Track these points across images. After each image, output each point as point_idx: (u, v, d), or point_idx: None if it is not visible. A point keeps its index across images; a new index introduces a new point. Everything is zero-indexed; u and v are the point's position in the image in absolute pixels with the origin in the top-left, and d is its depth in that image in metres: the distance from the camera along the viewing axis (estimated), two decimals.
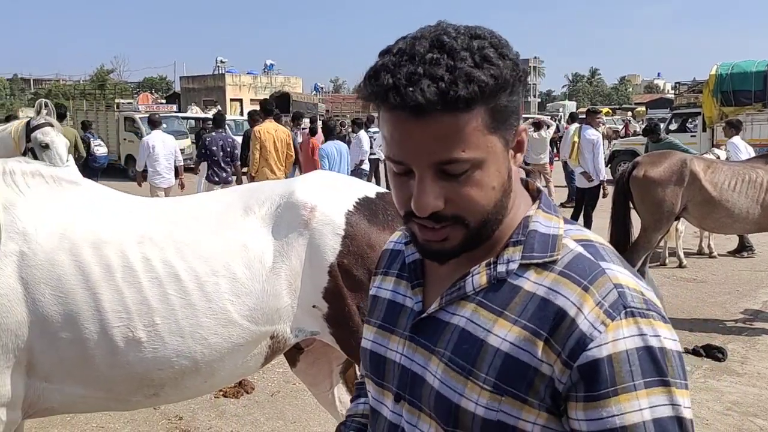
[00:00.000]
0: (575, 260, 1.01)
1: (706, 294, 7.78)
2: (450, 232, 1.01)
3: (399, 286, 1.20)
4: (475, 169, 0.98)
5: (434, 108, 0.92)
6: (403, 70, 0.93)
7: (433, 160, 0.96)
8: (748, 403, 4.80)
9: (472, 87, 0.92)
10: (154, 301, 2.30)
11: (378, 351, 1.18)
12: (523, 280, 1.02)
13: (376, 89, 0.96)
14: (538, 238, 1.05)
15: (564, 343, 0.95)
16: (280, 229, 2.49)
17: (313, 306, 2.51)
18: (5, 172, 2.32)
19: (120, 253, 2.32)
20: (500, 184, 1.01)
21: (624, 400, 0.92)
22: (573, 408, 0.95)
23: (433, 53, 0.94)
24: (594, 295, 0.96)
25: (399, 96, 0.93)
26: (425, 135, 0.95)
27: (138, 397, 2.41)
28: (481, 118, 0.95)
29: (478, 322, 1.02)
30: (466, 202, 0.99)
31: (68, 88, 57.54)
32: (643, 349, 0.93)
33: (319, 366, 2.96)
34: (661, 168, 6.58)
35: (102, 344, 2.26)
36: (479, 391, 0.99)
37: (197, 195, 2.80)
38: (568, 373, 0.94)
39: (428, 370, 1.06)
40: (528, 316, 0.99)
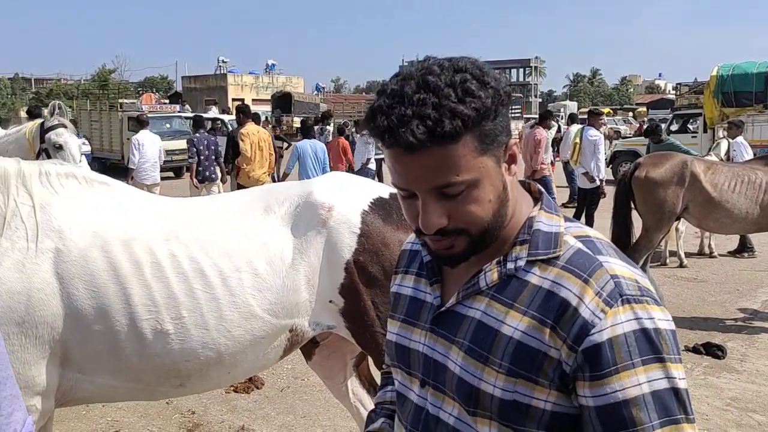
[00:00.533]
0: (575, 255, 1.14)
1: (706, 293, 7.87)
2: (455, 241, 1.14)
3: (419, 284, 1.33)
4: (471, 188, 1.10)
5: (425, 144, 1.04)
6: (395, 112, 1.06)
7: (432, 186, 1.09)
8: (747, 399, 4.90)
9: (456, 122, 1.04)
10: (180, 295, 2.42)
11: (402, 343, 1.31)
12: (530, 275, 1.15)
13: (374, 130, 1.09)
14: (542, 236, 1.17)
15: (569, 330, 1.07)
16: (299, 227, 2.61)
17: (330, 301, 2.62)
18: (41, 174, 2.44)
19: (148, 250, 2.43)
20: (496, 196, 1.13)
21: (625, 377, 1.04)
22: (580, 386, 1.07)
23: (420, 94, 1.05)
24: (593, 286, 1.08)
25: (393, 137, 1.06)
26: (421, 167, 1.07)
27: (165, 387, 2.52)
28: (469, 144, 1.07)
29: (492, 314, 1.15)
30: (467, 217, 1.12)
31: (70, 87, 57.62)
32: (639, 331, 1.06)
33: (334, 359, 3.07)
34: (662, 169, 6.69)
35: (132, 336, 2.37)
36: (496, 375, 1.12)
37: (220, 195, 2.92)
38: (573, 356, 1.06)
39: (449, 358, 1.19)
40: (536, 307, 1.11)
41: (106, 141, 23.14)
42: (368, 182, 3.00)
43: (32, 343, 2.28)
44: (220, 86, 48.44)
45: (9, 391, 1.13)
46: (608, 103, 71.90)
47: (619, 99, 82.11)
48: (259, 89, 49.46)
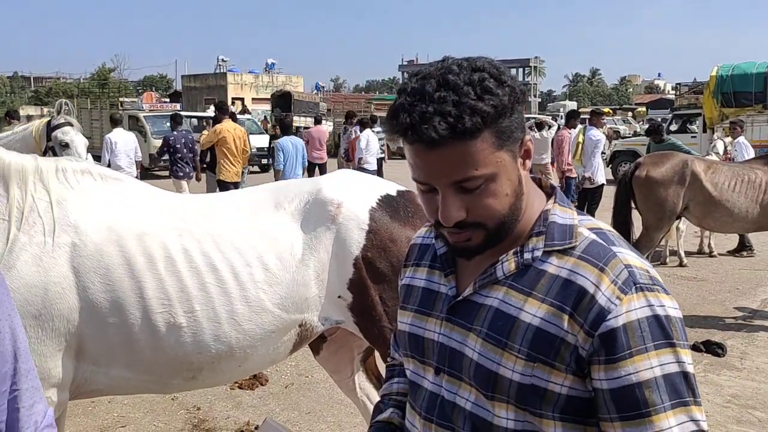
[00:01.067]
0: (591, 246, 1.19)
1: (706, 292, 7.93)
2: (472, 234, 1.19)
3: (433, 275, 1.36)
4: (489, 182, 1.15)
5: (446, 140, 1.09)
6: (417, 110, 1.10)
7: (451, 180, 1.14)
8: (746, 396, 4.95)
9: (476, 118, 1.09)
10: (193, 289, 2.46)
11: (416, 332, 1.34)
12: (547, 265, 1.20)
13: (397, 127, 1.14)
14: (557, 228, 1.22)
15: (586, 316, 1.12)
16: (308, 223, 2.66)
17: (339, 296, 2.67)
18: (58, 170, 2.48)
19: (162, 245, 2.48)
20: (513, 190, 1.18)
21: (638, 360, 1.09)
22: (596, 370, 1.12)
23: (441, 92, 1.10)
24: (609, 275, 1.14)
25: (416, 133, 1.11)
26: (442, 161, 1.12)
27: (178, 380, 2.57)
28: (487, 140, 1.12)
29: (510, 302, 1.20)
30: (485, 210, 1.16)
31: (69, 86, 57.60)
32: (652, 317, 1.11)
33: (342, 354, 3.11)
34: (663, 168, 6.74)
35: (146, 329, 2.42)
36: (515, 360, 1.16)
37: (232, 192, 2.97)
38: (590, 341, 1.12)
39: (467, 345, 1.23)
40: (554, 294, 1.16)
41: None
42: (376, 180, 3.04)
43: (48, 336, 2.32)
44: (220, 85, 48.36)
45: (30, 383, 1.15)
46: (607, 103, 71.95)
47: (618, 99, 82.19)
48: (259, 88, 49.39)
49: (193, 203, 2.75)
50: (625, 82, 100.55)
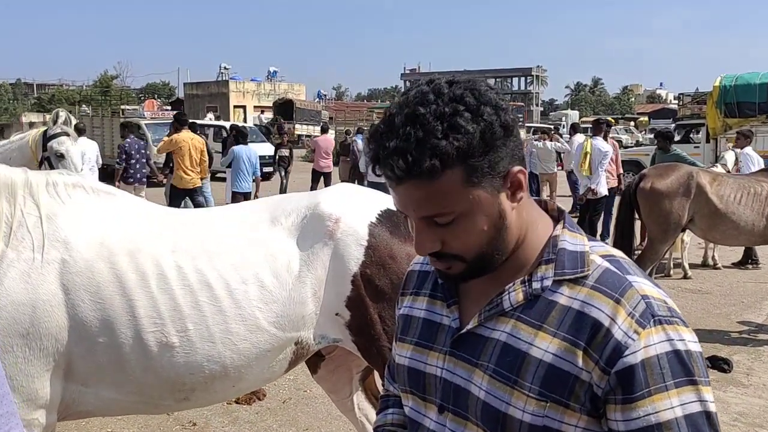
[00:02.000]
0: (604, 275, 1.11)
1: (710, 305, 7.84)
2: (451, 264, 1.15)
3: (434, 306, 1.28)
4: (461, 218, 1.10)
5: (403, 179, 1.07)
6: (383, 143, 1.08)
7: (420, 215, 1.11)
8: (754, 414, 4.86)
9: (434, 161, 1.04)
10: (186, 308, 2.39)
11: (417, 367, 1.26)
12: (558, 295, 1.12)
13: (369, 155, 1.12)
14: (568, 255, 1.15)
15: (601, 352, 1.05)
16: (305, 239, 2.58)
17: (336, 314, 2.59)
18: (48, 183, 2.41)
19: (154, 262, 2.41)
20: (491, 225, 1.12)
21: (657, 399, 1.03)
22: (611, 410, 1.05)
23: (407, 127, 1.06)
24: (625, 307, 1.06)
25: (380, 167, 1.10)
26: (408, 197, 1.10)
27: (169, 401, 2.49)
28: (454, 179, 1.07)
29: (519, 336, 1.12)
30: (460, 244, 1.12)
31: (72, 93, 57.74)
32: (672, 353, 1.04)
33: (340, 373, 3.03)
34: (668, 180, 6.67)
35: (137, 349, 2.34)
36: (525, 399, 1.08)
37: (227, 206, 2.89)
38: (606, 379, 1.04)
39: (472, 383, 1.15)
40: (566, 328, 1.09)
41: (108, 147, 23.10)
42: (376, 194, 2.97)
43: (36, 355, 2.24)
44: (222, 93, 48.45)
45: (5, 408, 1.10)
46: (609, 112, 71.95)
47: (620, 108, 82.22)
48: (261, 96, 49.49)
49: (187, 218, 2.68)
50: (627, 91, 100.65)
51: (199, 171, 10.46)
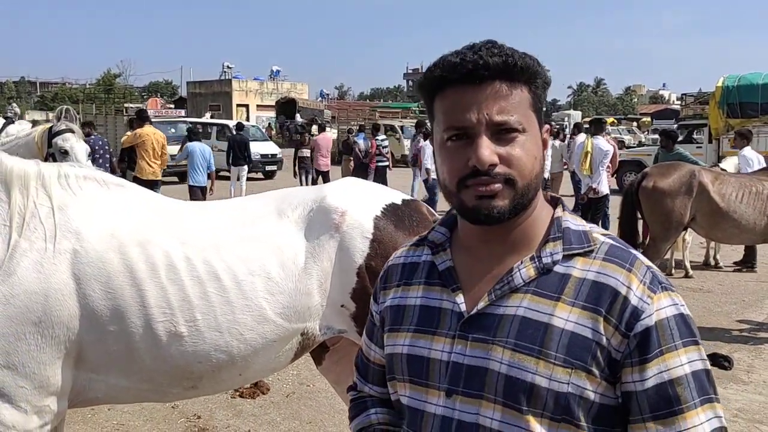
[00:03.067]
0: (612, 249, 1.20)
1: (712, 304, 7.87)
2: (500, 190, 1.16)
3: (431, 292, 1.29)
4: (522, 135, 1.17)
5: (497, 70, 1.14)
6: (467, 52, 1.16)
7: (491, 119, 1.15)
8: (753, 411, 4.89)
9: (526, 61, 1.16)
10: (195, 298, 2.43)
11: (419, 353, 1.25)
12: (570, 268, 1.18)
13: (444, 66, 1.17)
14: (573, 234, 1.22)
15: (621, 317, 1.12)
16: (312, 231, 2.62)
17: (342, 305, 2.63)
18: (60, 175, 2.46)
19: (164, 253, 2.45)
20: (539, 158, 1.20)
21: (669, 358, 1.11)
22: (628, 372, 1.12)
23: (489, 44, 1.17)
24: (637, 275, 1.15)
25: (470, 63, 1.14)
26: (486, 98, 1.15)
27: (177, 389, 2.53)
28: (526, 95, 1.17)
29: (537, 308, 1.16)
30: (516, 161, 1.16)
31: (75, 91, 57.80)
32: (678, 315, 1.14)
33: (344, 364, 3.06)
34: (670, 179, 6.70)
35: (146, 338, 2.39)
36: (552, 368, 1.13)
37: (235, 199, 2.93)
38: (625, 342, 1.12)
39: (491, 359, 1.17)
40: (584, 297, 1.15)
41: (111, 145, 23.17)
42: (381, 188, 3.01)
43: (48, 343, 2.28)
44: (225, 92, 48.52)
45: None
46: (612, 112, 71.84)
47: (623, 108, 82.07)
48: (264, 95, 49.56)
49: (195, 211, 2.72)
50: (630, 91, 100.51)
51: (160, 164, 11.10)
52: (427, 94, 1.23)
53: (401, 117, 37.47)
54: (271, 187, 11.89)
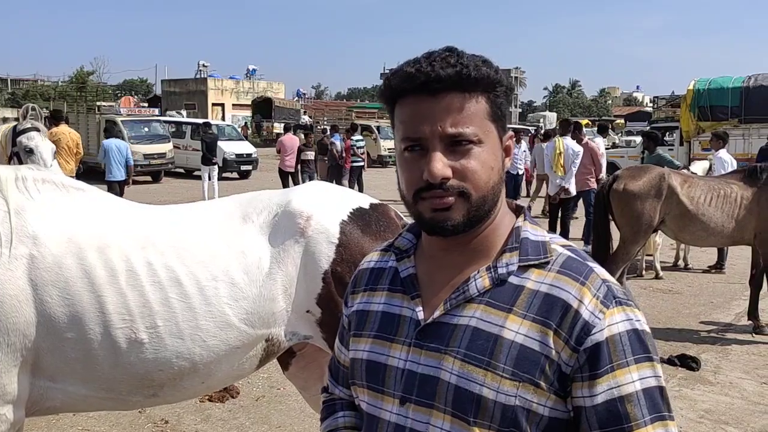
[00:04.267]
0: (568, 261, 1.18)
1: (681, 305, 7.96)
2: (454, 203, 1.16)
3: (393, 299, 1.29)
4: (478, 146, 1.15)
5: (451, 82, 1.13)
6: (423, 62, 1.16)
7: (445, 132, 1.14)
8: (720, 412, 4.95)
9: (480, 72, 1.14)
10: (155, 304, 2.38)
11: (377, 360, 1.26)
12: (525, 280, 1.17)
13: (400, 76, 1.17)
14: (530, 244, 1.21)
15: (571, 331, 1.11)
16: (277, 236, 2.59)
17: (307, 311, 2.60)
18: (18, 178, 2.40)
19: (124, 258, 2.40)
20: (497, 168, 1.19)
21: (620, 374, 1.10)
22: (578, 387, 1.12)
23: (446, 53, 1.16)
24: (591, 289, 1.14)
25: (422, 74, 1.14)
26: (440, 109, 1.14)
27: (138, 397, 2.48)
28: (483, 105, 1.16)
29: (489, 320, 1.15)
30: (470, 173, 1.15)
31: (47, 88, 56.83)
32: (632, 331, 1.12)
33: (311, 370, 3.04)
34: (640, 182, 6.76)
35: (105, 345, 2.34)
36: (499, 380, 1.12)
37: (198, 203, 2.88)
38: (575, 357, 1.11)
39: (442, 369, 1.17)
40: (536, 310, 1.14)
41: (83, 144, 22.83)
42: (349, 192, 2.99)
43: (4, 350, 2.23)
44: (200, 90, 48.12)
45: None
46: (587, 114, 72.57)
47: (597, 111, 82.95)
48: (240, 94, 49.24)
49: (157, 214, 2.67)
50: (605, 93, 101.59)
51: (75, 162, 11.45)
52: (387, 102, 1.22)
53: (378, 117, 37.44)
54: (246, 186, 11.98)
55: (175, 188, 20.49)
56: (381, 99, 1.24)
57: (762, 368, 5.90)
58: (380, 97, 1.24)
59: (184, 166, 23.62)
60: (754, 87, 17.14)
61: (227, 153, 22.81)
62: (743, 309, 7.38)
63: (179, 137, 24.33)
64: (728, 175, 7.45)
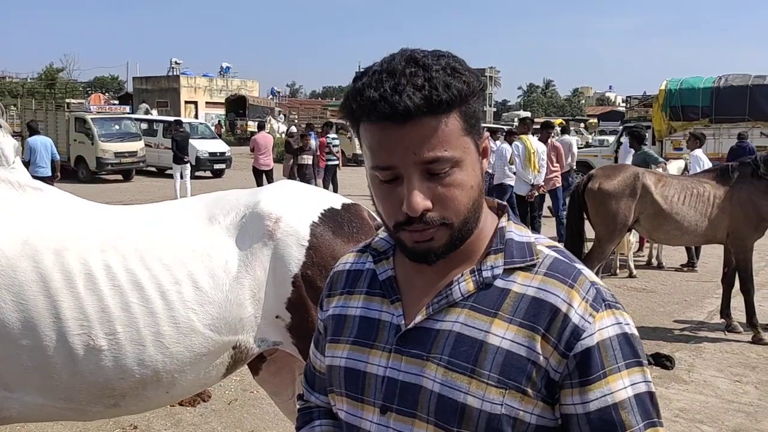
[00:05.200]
0: (555, 263, 1.13)
1: (655, 303, 8.01)
2: (436, 233, 1.09)
3: (372, 303, 1.22)
4: (456, 167, 1.07)
5: (420, 112, 1.02)
6: (387, 85, 1.03)
7: (420, 159, 1.05)
8: (694, 410, 4.96)
9: (451, 92, 1.04)
10: (115, 310, 2.27)
11: (356, 367, 1.19)
12: (510, 283, 1.11)
13: (362, 103, 1.05)
14: (516, 245, 1.15)
15: (560, 336, 1.06)
16: (244, 239, 2.48)
17: (277, 316, 2.50)
18: None
19: (82, 261, 2.29)
20: (476, 183, 1.11)
21: (612, 380, 1.05)
22: (568, 394, 1.06)
23: (410, 68, 1.04)
24: (579, 292, 1.09)
25: (388, 105, 1.02)
26: (412, 137, 1.04)
27: (98, 407, 2.37)
28: (457, 120, 1.06)
29: (473, 324, 1.10)
30: (450, 202, 1.08)
31: (15, 85, 55.78)
32: (621, 335, 1.08)
33: (282, 375, 2.95)
34: (615, 181, 6.78)
35: (62, 352, 2.22)
36: (485, 388, 1.06)
37: (162, 203, 2.77)
38: (564, 363, 1.05)
39: (424, 377, 1.10)
40: (522, 314, 1.08)
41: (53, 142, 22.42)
42: (320, 192, 2.90)
43: None
44: (173, 88, 47.53)
45: None
46: (561, 113, 73.19)
47: (571, 110, 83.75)
48: (213, 92, 48.76)
49: (119, 215, 2.55)
50: (578, 93, 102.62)
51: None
52: (350, 122, 1.13)
53: None
54: (220, 185, 11.88)
55: (147, 187, 20.21)
56: (343, 117, 1.14)
57: (735, 366, 5.95)
58: (342, 115, 1.14)
59: (156, 164, 23.31)
60: (724, 87, 17.36)
61: (200, 151, 22.58)
62: (716, 307, 7.44)
63: (151, 135, 23.99)
64: (701, 174, 7.51)
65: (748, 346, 6.49)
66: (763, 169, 6.50)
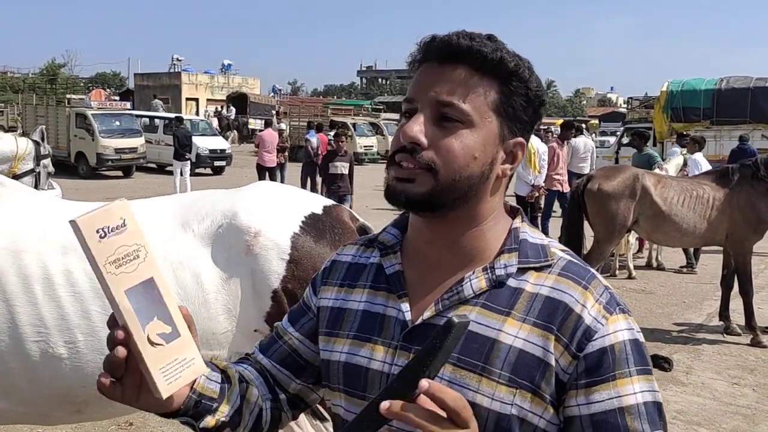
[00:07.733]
0: (569, 265, 1.12)
1: (653, 305, 7.98)
2: (419, 176, 1.08)
3: (376, 297, 1.19)
4: (465, 126, 1.07)
5: (462, 54, 1.07)
6: (452, 33, 1.11)
7: (437, 98, 1.07)
8: (692, 412, 4.93)
9: (496, 55, 1.07)
10: (75, 317, 2.16)
11: (358, 363, 1.16)
12: (524, 282, 1.10)
13: (422, 42, 1.13)
14: (530, 246, 1.14)
15: (572, 336, 1.04)
16: (219, 250, 2.38)
17: (256, 330, 2.42)
18: None
19: (41, 264, 2.17)
20: (481, 159, 1.09)
21: (621, 384, 1.03)
22: (573, 395, 1.04)
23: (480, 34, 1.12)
24: (593, 293, 1.07)
25: (440, 41, 1.09)
26: (442, 78, 1.08)
27: (60, 413, 2.29)
28: (490, 91, 1.08)
29: (485, 322, 1.08)
30: (445, 150, 1.07)
31: (16, 81, 55.75)
32: (633, 341, 1.06)
33: None
34: (614, 182, 6.76)
35: (20, 359, 2.13)
36: (495, 386, 1.04)
37: (136, 201, 2.64)
38: (574, 364, 1.04)
39: None
40: (536, 313, 1.07)
41: (52, 137, 22.39)
42: (301, 195, 2.78)
43: None
44: (174, 85, 47.44)
45: None
46: (562, 114, 73.11)
47: (572, 111, 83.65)
48: (215, 89, 48.69)
49: None
50: (580, 94, 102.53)
51: None
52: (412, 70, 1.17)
53: (354, 114, 37.32)
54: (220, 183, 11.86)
55: (147, 183, 20.18)
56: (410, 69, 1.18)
57: (733, 369, 5.92)
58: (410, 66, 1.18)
59: (156, 161, 23.27)
60: (725, 89, 17.35)
61: (201, 148, 22.53)
62: (714, 309, 7.41)
63: (152, 132, 23.98)
64: (701, 176, 7.48)
65: (747, 348, 6.45)
66: (763, 171, 6.48)
